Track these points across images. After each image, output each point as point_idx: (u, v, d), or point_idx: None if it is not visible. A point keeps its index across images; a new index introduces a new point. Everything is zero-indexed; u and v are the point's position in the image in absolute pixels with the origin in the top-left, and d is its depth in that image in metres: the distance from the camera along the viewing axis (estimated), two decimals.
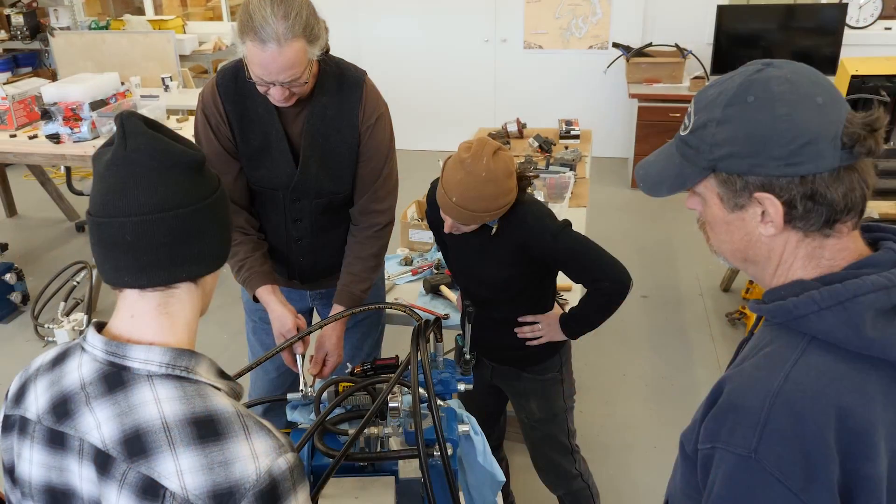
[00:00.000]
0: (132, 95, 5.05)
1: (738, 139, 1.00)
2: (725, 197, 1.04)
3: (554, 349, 2.30)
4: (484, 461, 1.80)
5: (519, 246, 2.07)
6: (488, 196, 1.94)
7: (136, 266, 1.03)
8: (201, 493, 0.95)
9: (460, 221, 2.01)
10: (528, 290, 2.19)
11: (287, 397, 1.92)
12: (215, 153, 2.09)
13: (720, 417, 0.98)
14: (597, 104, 6.76)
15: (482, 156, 1.92)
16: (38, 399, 1.08)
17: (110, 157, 1.03)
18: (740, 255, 1.08)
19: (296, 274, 2.34)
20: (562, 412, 2.39)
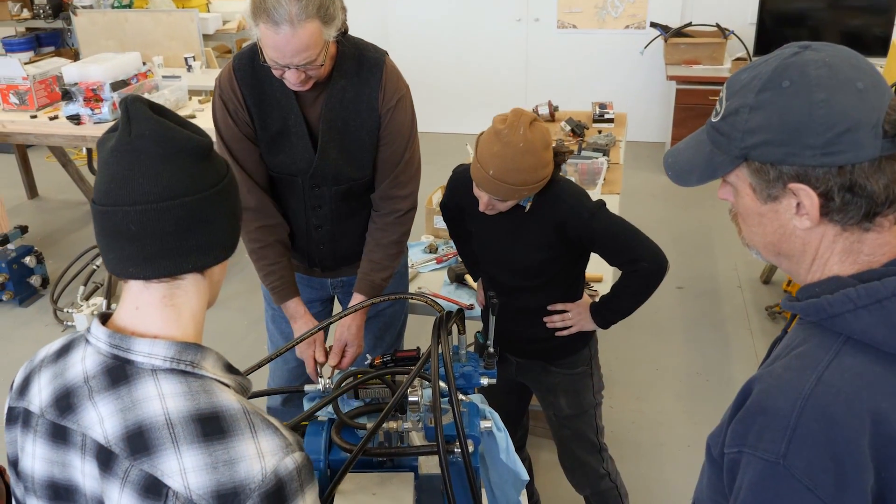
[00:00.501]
0: (154, 76, 5.07)
1: (772, 126, 0.97)
2: (758, 187, 1.01)
3: (583, 341, 2.26)
4: (507, 459, 1.78)
5: (555, 225, 2.04)
6: (526, 168, 1.91)
7: (141, 256, 1.02)
8: (205, 493, 0.94)
9: (497, 196, 1.97)
10: (561, 276, 2.16)
11: (304, 388, 1.91)
12: (235, 139, 2.09)
13: (748, 420, 0.96)
14: (632, 87, 6.67)
15: (519, 126, 1.89)
16: (42, 392, 1.08)
17: (114, 144, 1.02)
18: (773, 248, 1.05)
19: (316, 262, 2.34)
20: (591, 408, 2.35)
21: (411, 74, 2.17)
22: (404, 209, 2.19)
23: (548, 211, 2.04)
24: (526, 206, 2.05)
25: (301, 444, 1.04)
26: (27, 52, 7.36)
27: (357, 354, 2.20)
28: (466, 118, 7.11)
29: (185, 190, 1.02)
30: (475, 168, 1.97)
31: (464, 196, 2.14)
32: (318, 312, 2.44)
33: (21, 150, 5.92)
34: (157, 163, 1.00)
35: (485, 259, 2.25)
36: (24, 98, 4.84)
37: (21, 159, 5.96)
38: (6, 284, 4.45)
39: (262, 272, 2.21)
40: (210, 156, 1.07)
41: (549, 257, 2.10)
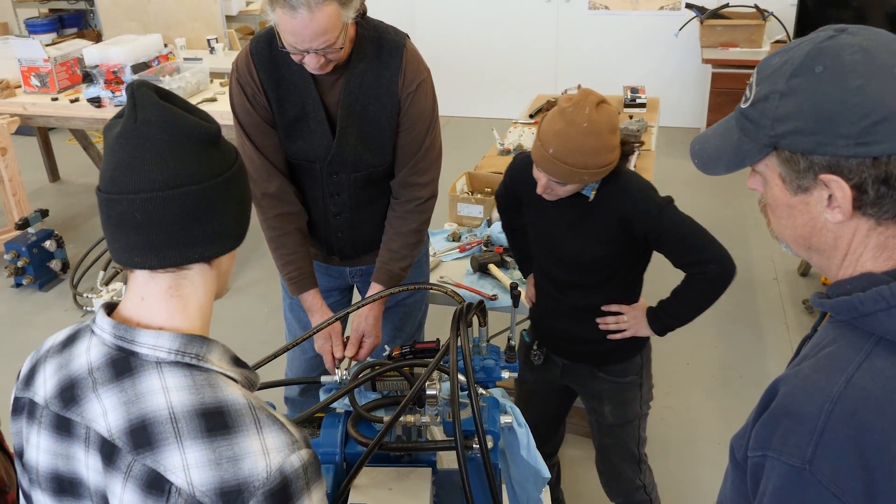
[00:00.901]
0: (175, 58, 5.09)
1: (803, 114, 0.93)
2: (788, 178, 0.98)
3: (636, 349, 2.20)
4: (528, 456, 1.75)
5: (619, 219, 1.97)
6: (588, 149, 1.85)
7: (146, 245, 1.02)
8: (208, 490, 0.94)
9: (556, 177, 1.90)
10: (619, 274, 2.09)
11: (321, 380, 1.91)
12: (253, 124, 2.09)
13: (773, 423, 0.93)
14: (666, 70, 6.58)
15: (584, 105, 1.84)
16: (47, 382, 1.08)
17: (119, 130, 1.01)
18: (804, 242, 1.02)
19: (335, 250, 2.33)
20: (636, 418, 2.30)
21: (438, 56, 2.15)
22: (424, 197, 2.17)
23: (613, 203, 1.97)
24: (589, 196, 1.98)
25: (308, 441, 1.03)
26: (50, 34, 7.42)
27: (374, 345, 2.20)
28: (495, 101, 7.08)
29: (191, 178, 1.01)
30: (535, 147, 1.92)
31: (522, 182, 2.08)
32: (336, 302, 2.43)
33: (43, 132, 5.98)
34: (163, 150, 1.00)
35: (539, 252, 2.18)
36: (45, 80, 4.88)
37: (43, 142, 6.03)
38: (26, 268, 4.50)
39: (280, 262, 2.20)
40: (218, 143, 1.06)
41: (610, 253, 2.03)
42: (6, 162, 4.65)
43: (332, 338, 2.14)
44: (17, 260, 4.47)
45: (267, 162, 2.11)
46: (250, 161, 2.11)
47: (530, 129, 3.97)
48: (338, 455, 1.71)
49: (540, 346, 2.27)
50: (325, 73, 1.94)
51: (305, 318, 2.32)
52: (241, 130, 2.10)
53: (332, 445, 1.72)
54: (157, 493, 0.95)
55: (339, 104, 2.03)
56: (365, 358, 2.18)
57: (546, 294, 2.23)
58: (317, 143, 2.08)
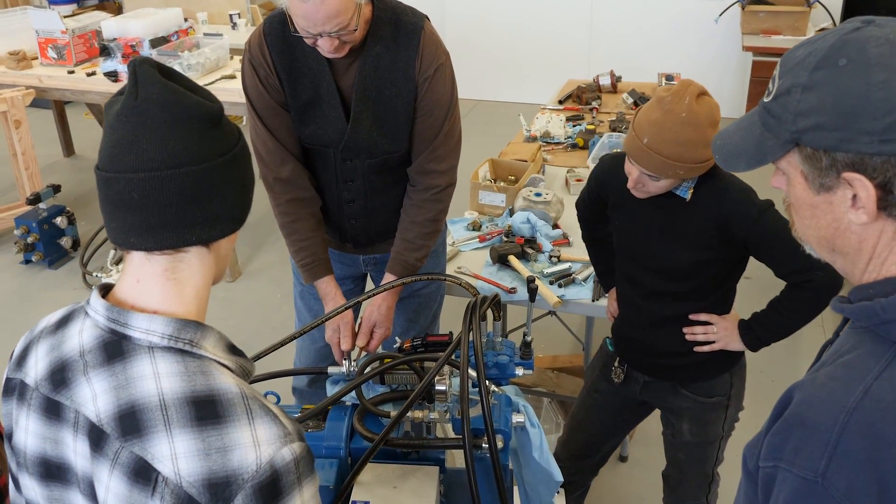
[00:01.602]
0: (195, 33, 5.10)
1: (825, 108, 0.92)
2: (810, 176, 0.96)
3: (725, 365, 2.11)
4: (540, 457, 1.74)
5: (717, 223, 1.90)
6: (685, 141, 1.79)
7: (143, 226, 1.02)
8: (195, 481, 0.94)
9: (649, 169, 1.84)
10: (712, 283, 2.01)
11: (328, 370, 1.91)
12: (266, 106, 2.08)
13: (785, 432, 0.92)
14: (704, 57, 6.49)
15: (684, 95, 1.80)
16: (38, 364, 1.09)
17: (120, 108, 1.02)
18: (827, 244, 1.00)
19: (348, 237, 2.33)
20: (717, 440, 2.21)
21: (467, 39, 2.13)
22: (442, 185, 2.16)
23: (710, 205, 1.90)
24: (686, 196, 1.92)
25: (302, 435, 1.03)
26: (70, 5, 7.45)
27: (385, 336, 2.19)
28: (523, 85, 7.04)
29: (191, 158, 1.01)
30: (629, 137, 1.87)
31: (610, 183, 2.03)
32: (349, 290, 2.42)
33: (59, 106, 6.02)
34: (163, 129, 1.00)
35: (626, 256, 2.11)
36: (62, 52, 4.90)
37: (58, 116, 6.07)
38: (36, 245, 4.55)
39: (293, 248, 2.20)
40: (220, 123, 1.06)
41: (704, 259, 1.96)
42: (20, 135, 4.69)
43: (342, 328, 2.13)
44: (26, 236, 4.52)
45: (279, 145, 2.10)
46: (263, 144, 2.11)
47: (558, 115, 3.93)
48: (342, 449, 1.71)
49: (621, 362, 2.22)
50: (340, 56, 1.93)
51: (316, 306, 2.32)
52: (253, 113, 2.10)
53: (337, 439, 1.71)
54: (144, 481, 0.95)
55: (353, 88, 2.02)
56: (375, 349, 2.18)
57: (628, 303, 2.16)
58: (330, 127, 2.07)
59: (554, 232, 2.84)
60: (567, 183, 3.31)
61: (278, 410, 1.03)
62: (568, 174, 3.34)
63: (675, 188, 1.92)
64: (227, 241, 1.10)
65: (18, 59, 4.83)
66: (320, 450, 1.70)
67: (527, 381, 3.29)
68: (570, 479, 2.49)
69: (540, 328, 3.67)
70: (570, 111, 4.18)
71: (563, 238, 2.85)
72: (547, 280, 2.60)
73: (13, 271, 4.59)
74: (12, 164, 4.78)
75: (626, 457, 3.14)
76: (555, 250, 2.73)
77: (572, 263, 2.68)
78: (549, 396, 3.24)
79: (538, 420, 1.81)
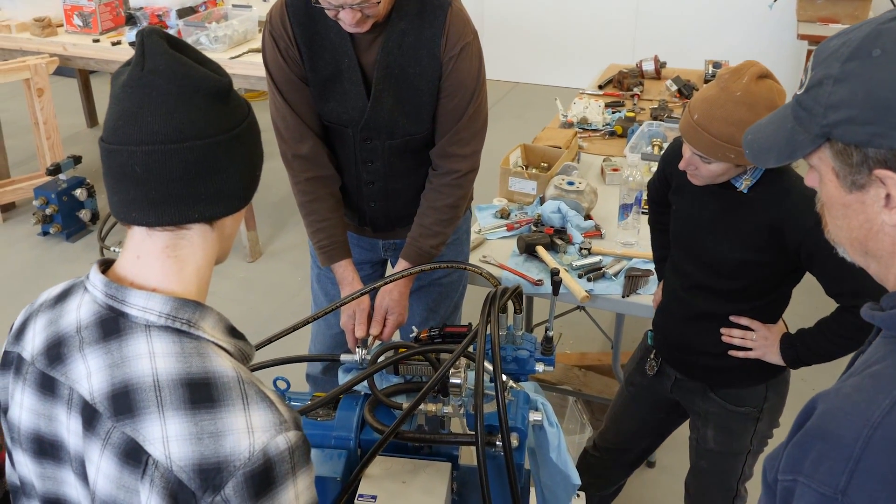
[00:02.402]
0: (223, 4, 5.12)
1: (857, 101, 0.90)
2: (842, 173, 0.94)
3: (761, 377, 2.07)
4: (557, 458, 1.73)
5: (771, 225, 1.85)
6: (736, 122, 1.74)
7: (145, 201, 1.03)
8: (186, 466, 0.95)
9: (698, 149, 1.80)
10: (758, 288, 1.97)
11: (340, 358, 1.90)
12: (286, 80, 2.09)
13: (805, 445, 0.91)
14: (756, 45, 6.38)
15: (743, 75, 1.76)
16: (35, 338, 1.10)
17: (126, 78, 1.03)
18: (860, 247, 0.98)
19: (367, 221, 2.33)
20: (743, 453, 2.18)
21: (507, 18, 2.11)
22: (463, 170, 2.15)
23: (768, 204, 1.85)
24: (740, 186, 1.88)
25: (298, 423, 1.03)
26: None
27: (399, 323, 2.19)
28: (564, 69, 6.99)
29: (196, 132, 1.02)
30: (683, 115, 1.85)
31: (673, 164, 2.00)
32: (367, 276, 2.43)
33: (84, 75, 6.09)
34: (168, 101, 1.01)
35: (676, 244, 2.09)
36: (87, 20, 4.95)
37: (83, 85, 6.14)
38: (54, 217, 4.61)
39: (311, 229, 2.21)
40: (228, 97, 1.06)
41: (753, 261, 1.91)
42: (42, 104, 4.75)
43: (357, 314, 2.13)
44: (45, 207, 4.58)
45: (299, 121, 2.10)
46: (282, 119, 2.11)
47: (597, 101, 3.89)
48: (352, 440, 1.71)
49: (657, 355, 2.21)
50: (363, 30, 1.92)
51: (333, 290, 2.32)
52: (273, 86, 2.10)
53: (348, 430, 1.72)
54: (134, 464, 0.96)
55: (375, 65, 2.01)
56: (389, 337, 2.18)
57: (670, 293, 2.15)
58: (350, 105, 2.07)
59: (586, 223, 2.81)
60: (602, 172, 3.27)
61: (276, 397, 1.03)
62: (604, 163, 3.29)
63: (734, 179, 1.88)
64: (231, 219, 1.10)
65: (43, 25, 4.88)
66: (329, 440, 1.71)
67: (552, 378, 3.27)
68: (603, 473, 2.50)
69: (569, 323, 3.65)
70: (609, 97, 4.13)
71: (596, 230, 2.81)
72: (575, 273, 2.57)
73: (30, 242, 4.66)
74: (34, 133, 4.84)
75: (654, 462, 3.12)
76: (585, 242, 2.70)
77: (603, 257, 2.64)
78: (575, 395, 3.22)
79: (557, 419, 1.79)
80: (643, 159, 3.15)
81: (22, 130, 5.61)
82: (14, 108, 5.92)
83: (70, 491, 1.08)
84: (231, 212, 1.09)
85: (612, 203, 2.89)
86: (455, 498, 1.75)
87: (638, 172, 2.73)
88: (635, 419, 2.37)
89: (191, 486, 0.94)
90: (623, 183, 2.75)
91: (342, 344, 2.44)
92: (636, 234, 2.74)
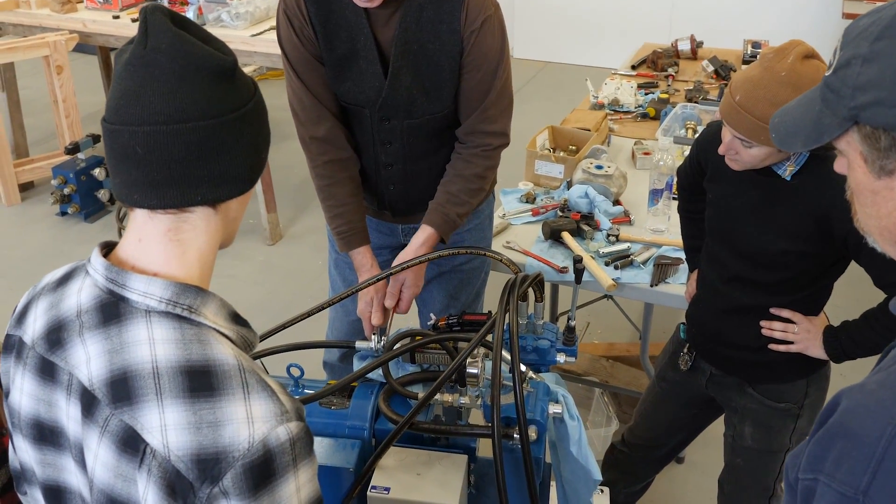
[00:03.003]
0: None
1: (886, 82, 0.88)
2: (870, 158, 0.92)
3: (802, 372, 2.04)
4: (578, 453, 1.71)
5: (817, 215, 1.82)
6: (780, 103, 1.63)
7: (147, 182, 1.03)
8: (184, 455, 0.95)
9: (740, 131, 1.77)
10: (801, 280, 1.94)
11: (356, 345, 1.90)
12: (302, 60, 2.08)
13: (827, 442, 0.90)
14: (797, 24, 6.28)
15: (788, 54, 1.73)
16: (37, 322, 1.11)
17: (128, 57, 1.03)
18: (890, 235, 0.97)
19: (385, 204, 2.32)
20: (781, 451, 2.14)
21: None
22: (494, 144, 2.14)
23: (813, 192, 1.82)
24: (782, 173, 1.84)
25: (301, 414, 1.03)
26: None
27: (414, 295, 2.19)
28: (597, 48, 6.95)
29: (200, 112, 1.02)
30: (724, 97, 1.82)
31: (710, 151, 1.97)
32: (386, 261, 2.41)
33: (104, 52, 6.12)
34: (171, 80, 1.01)
35: (713, 234, 2.06)
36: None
37: (104, 62, 6.17)
38: (72, 196, 4.65)
39: (329, 213, 2.20)
40: (233, 77, 1.06)
41: (797, 251, 1.88)
42: (61, 81, 4.79)
43: (375, 301, 2.13)
44: (63, 186, 4.62)
45: (316, 102, 2.10)
46: (298, 100, 2.11)
47: (629, 81, 3.84)
48: (366, 430, 1.71)
49: (690, 349, 2.18)
50: (377, 6, 1.91)
51: (351, 276, 2.31)
52: (289, 67, 2.09)
53: (362, 419, 1.72)
54: (132, 452, 0.97)
55: (393, 41, 1.99)
56: (405, 310, 2.18)
57: (707, 285, 2.11)
58: (367, 84, 2.06)
59: (614, 209, 2.78)
60: (633, 156, 3.23)
61: (277, 386, 1.03)
62: (635, 147, 3.26)
63: (776, 165, 1.84)
64: (236, 202, 1.10)
65: (63, 1, 4.92)
66: (343, 429, 1.71)
67: (578, 369, 3.25)
68: (631, 469, 2.48)
69: (597, 312, 3.63)
70: (643, 78, 4.09)
71: (624, 216, 2.78)
72: (602, 261, 2.54)
73: (48, 222, 4.71)
74: (53, 112, 4.88)
75: (683, 458, 3.09)
76: (613, 229, 2.67)
77: (632, 244, 2.61)
78: (602, 387, 3.20)
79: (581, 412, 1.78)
80: (675, 143, 3.11)
81: (41, 109, 5.67)
82: (33, 86, 5.98)
83: (70, 478, 1.09)
84: (235, 195, 1.09)
85: (642, 188, 2.86)
86: (472, 491, 1.74)
87: (670, 156, 2.70)
88: (667, 415, 2.35)
89: (188, 477, 0.94)
90: (654, 167, 2.72)
91: (360, 331, 2.43)
92: (666, 220, 2.71)
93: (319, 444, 1.66)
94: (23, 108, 5.11)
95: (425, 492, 1.58)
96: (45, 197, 4.86)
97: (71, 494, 1.10)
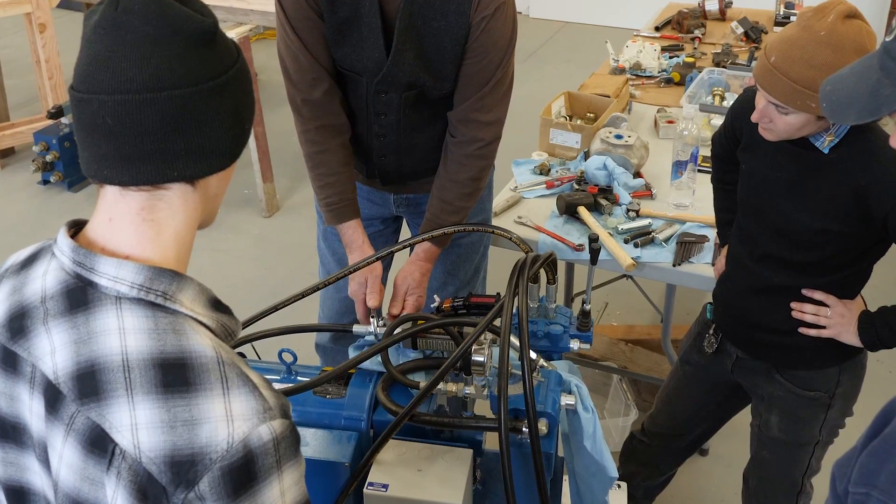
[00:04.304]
0: None
1: None
2: None
3: (835, 359, 2.03)
4: (592, 448, 1.70)
5: (856, 191, 1.79)
6: (819, 65, 1.68)
7: (117, 157, 1.00)
8: (156, 457, 0.93)
9: (773, 94, 1.74)
10: (838, 260, 1.92)
11: (353, 329, 1.89)
12: (301, 16, 2.05)
13: (882, 454, 0.89)
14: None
15: (828, 13, 1.70)
16: None
17: (98, 18, 1.00)
18: None
19: (375, 173, 2.32)
20: (810, 443, 2.14)
21: None
22: (487, 139, 2.13)
23: (853, 167, 1.79)
24: (820, 146, 1.82)
25: (286, 411, 1.01)
26: None
27: (419, 305, 2.19)
28: (618, 8, 6.93)
29: (175, 80, 0.99)
30: (759, 59, 1.80)
31: (746, 118, 1.94)
32: (377, 232, 2.43)
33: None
34: (144, 45, 0.98)
35: (745, 208, 2.05)
36: None
37: None
38: (55, 164, 4.64)
39: (318, 183, 2.19)
40: (213, 41, 1.04)
41: (833, 230, 1.86)
42: (44, 40, 4.76)
43: (369, 282, 2.12)
44: (45, 153, 4.62)
45: (313, 62, 2.07)
46: (293, 60, 2.08)
47: (653, 44, 3.80)
48: (364, 422, 1.70)
49: (717, 330, 2.17)
50: None
51: (341, 249, 2.32)
52: (286, 23, 2.06)
53: (359, 409, 1.71)
54: (100, 453, 0.95)
55: (398, 14, 1.97)
56: None
57: (736, 262, 2.10)
58: (366, 54, 2.04)
59: (634, 182, 2.75)
60: (656, 125, 3.21)
61: (261, 381, 1.00)
62: (658, 114, 3.23)
63: (813, 137, 1.81)
64: (216, 178, 1.08)
65: None
66: (339, 420, 1.70)
67: (595, 354, 3.24)
68: (651, 461, 2.48)
69: (616, 292, 3.61)
70: (667, 40, 4.07)
71: (646, 189, 2.76)
72: (621, 238, 2.52)
73: (30, 192, 4.71)
74: (35, 73, 4.86)
75: (707, 450, 3.09)
76: (633, 203, 2.64)
77: (653, 220, 2.59)
78: (620, 373, 3.18)
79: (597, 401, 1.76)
80: (701, 111, 3.08)
81: (23, 69, 5.65)
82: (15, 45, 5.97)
83: (34, 479, 1.07)
84: (215, 170, 1.06)
85: (665, 160, 2.83)
86: (478, 487, 1.74)
87: (695, 126, 2.67)
88: (691, 402, 2.34)
89: (161, 481, 0.92)
90: (678, 137, 2.69)
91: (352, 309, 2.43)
92: (691, 194, 2.68)
93: (313, 437, 1.65)
94: (3, 68, 5.09)
95: (426, 489, 1.57)
96: (26, 164, 4.86)
97: (35, 496, 1.08)
